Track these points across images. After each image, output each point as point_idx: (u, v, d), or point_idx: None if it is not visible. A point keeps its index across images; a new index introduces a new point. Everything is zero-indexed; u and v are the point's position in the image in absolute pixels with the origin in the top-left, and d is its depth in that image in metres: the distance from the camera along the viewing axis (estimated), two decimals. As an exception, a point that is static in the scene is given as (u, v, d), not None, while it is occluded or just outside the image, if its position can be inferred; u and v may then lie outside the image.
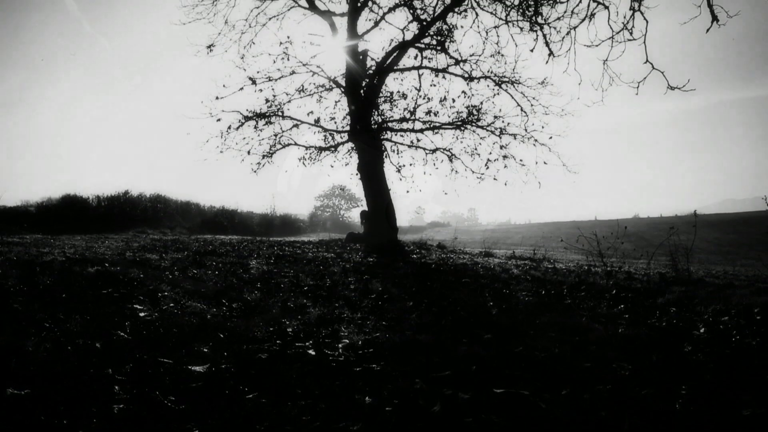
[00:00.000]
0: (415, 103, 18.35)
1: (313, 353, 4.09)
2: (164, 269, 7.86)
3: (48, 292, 5.33)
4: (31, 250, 9.25)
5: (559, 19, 11.35)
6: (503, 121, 17.88)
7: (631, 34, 9.77)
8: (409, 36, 17.12)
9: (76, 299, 5.18)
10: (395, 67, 17.71)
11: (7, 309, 4.57)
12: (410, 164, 18.87)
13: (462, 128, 18.28)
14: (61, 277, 6.24)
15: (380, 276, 8.96)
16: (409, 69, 18.15)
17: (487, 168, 18.20)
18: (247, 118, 17.63)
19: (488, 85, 17.79)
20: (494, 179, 18.15)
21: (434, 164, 18.80)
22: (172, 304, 5.42)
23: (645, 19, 9.57)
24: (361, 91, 17.28)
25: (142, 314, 4.85)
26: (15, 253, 8.58)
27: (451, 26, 17.12)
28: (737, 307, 6.15)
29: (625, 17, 9.73)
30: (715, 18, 8.63)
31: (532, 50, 11.30)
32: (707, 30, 8.79)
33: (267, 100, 17.63)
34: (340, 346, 4.37)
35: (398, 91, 18.62)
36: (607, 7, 10.05)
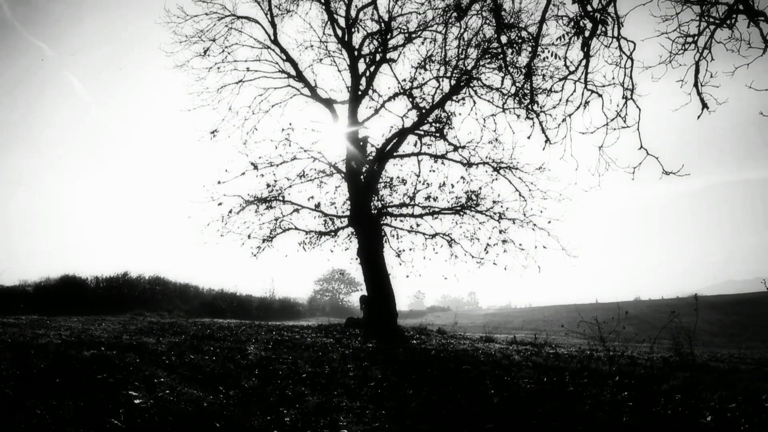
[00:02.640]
0: (415, 189, 18.66)
1: (311, 443, 3.99)
2: (161, 354, 7.75)
3: (42, 377, 5.25)
4: (27, 332, 9.16)
5: (554, 107, 11.74)
6: (502, 206, 18.11)
7: (624, 121, 10.06)
8: (408, 123, 17.68)
9: (70, 384, 5.09)
10: (395, 153, 18.14)
11: (-1, 395, 4.50)
12: (410, 249, 18.93)
13: (461, 213, 18.48)
14: (56, 360, 6.15)
15: (380, 363, 8.82)
16: (408, 155, 18.59)
17: (487, 252, 18.25)
18: (248, 203, 17.83)
19: (486, 171, 18.14)
20: (494, 264, 18.16)
21: (434, 249, 18.85)
22: (168, 391, 5.32)
23: (638, 107, 9.90)
24: (362, 177, 17.63)
25: (137, 401, 4.76)
26: (9, 334, 8.50)
27: (449, 113, 17.70)
28: (744, 393, 6.04)
29: (618, 105, 10.03)
30: (705, 105, 8.94)
31: (529, 137, 11.60)
32: (698, 117, 9.08)
33: (268, 185, 17.91)
34: (338, 435, 4.27)
35: (398, 177, 18.99)
36: (600, 96, 10.41)
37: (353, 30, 17.79)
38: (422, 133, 18.20)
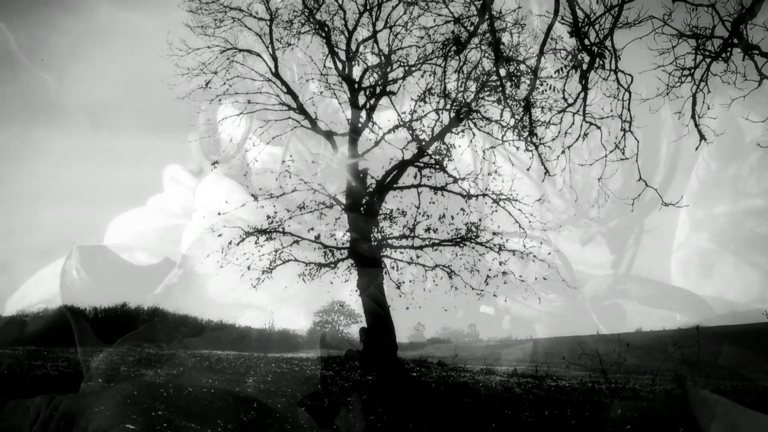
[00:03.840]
0: (415, 220, 18.58)
1: (310, 477, 3.94)
2: (159, 386, 7.68)
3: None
4: (23, 363, 9.09)
5: (553, 139, 11.83)
6: (502, 237, 18.03)
7: (623, 153, 10.14)
8: (408, 155, 17.74)
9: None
10: (395, 185, 18.16)
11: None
12: (410, 281, 18.75)
13: (461, 245, 18.39)
14: (53, 393, 6.09)
15: (380, 395, 8.73)
16: (408, 187, 18.57)
17: (487, 284, 18.10)
18: (248, 234, 17.79)
19: (486, 202, 18.13)
20: (494, 295, 18.01)
21: (434, 281, 18.67)
22: (165, 424, 5.27)
23: (636, 138, 10.00)
24: (362, 209, 17.65)
25: (134, 434, 4.71)
26: (6, 366, 8.44)
27: (449, 146, 17.79)
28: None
29: (616, 137, 10.12)
30: (702, 136, 9.04)
31: (528, 169, 11.69)
32: (696, 148, 9.17)
33: (268, 217, 17.85)
34: (337, 470, 4.21)
35: (398, 209, 18.91)
36: (599, 128, 10.50)
37: (353, 63, 18.03)
38: (422, 165, 18.23)
